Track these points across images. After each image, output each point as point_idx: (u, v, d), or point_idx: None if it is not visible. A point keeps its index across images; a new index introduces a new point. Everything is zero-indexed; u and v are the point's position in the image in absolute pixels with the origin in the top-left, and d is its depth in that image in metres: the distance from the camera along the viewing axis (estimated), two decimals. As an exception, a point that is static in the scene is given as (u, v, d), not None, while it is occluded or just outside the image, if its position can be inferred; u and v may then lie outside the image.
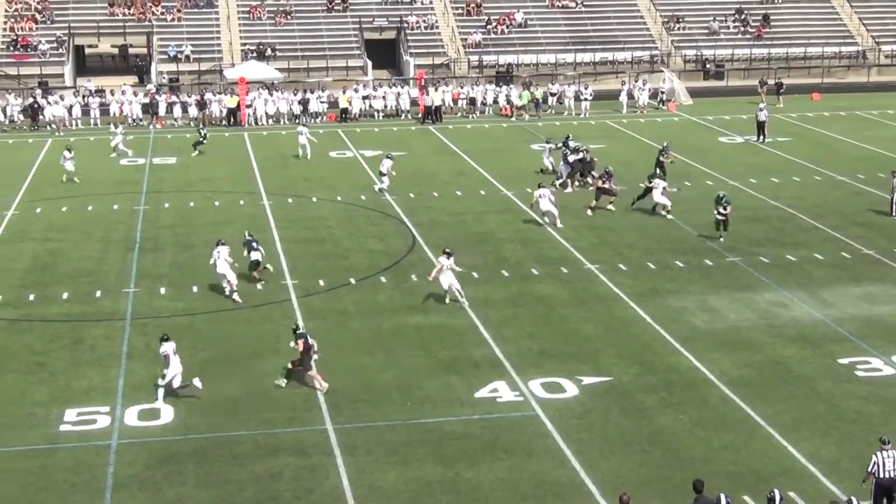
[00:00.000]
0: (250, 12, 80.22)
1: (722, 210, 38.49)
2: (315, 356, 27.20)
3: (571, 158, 47.09)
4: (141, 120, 64.81)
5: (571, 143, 48.43)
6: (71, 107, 64.88)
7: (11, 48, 75.73)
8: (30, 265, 36.86)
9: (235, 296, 33.03)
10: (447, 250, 32.70)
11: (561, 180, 46.90)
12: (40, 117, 63.07)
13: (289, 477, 22.43)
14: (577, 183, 46.95)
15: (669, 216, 41.57)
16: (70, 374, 27.66)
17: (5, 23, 77.67)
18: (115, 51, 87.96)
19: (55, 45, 76.08)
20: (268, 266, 34.85)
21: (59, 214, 43.58)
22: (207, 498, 21.71)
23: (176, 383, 26.14)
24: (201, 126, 60.45)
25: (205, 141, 55.63)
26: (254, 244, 34.61)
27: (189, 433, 24.44)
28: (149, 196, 46.69)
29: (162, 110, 64.76)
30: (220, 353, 29.05)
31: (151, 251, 38.17)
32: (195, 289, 34.05)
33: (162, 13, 79.57)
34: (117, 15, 79.45)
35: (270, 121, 65.39)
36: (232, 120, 64.14)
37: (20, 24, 77.40)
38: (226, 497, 21.74)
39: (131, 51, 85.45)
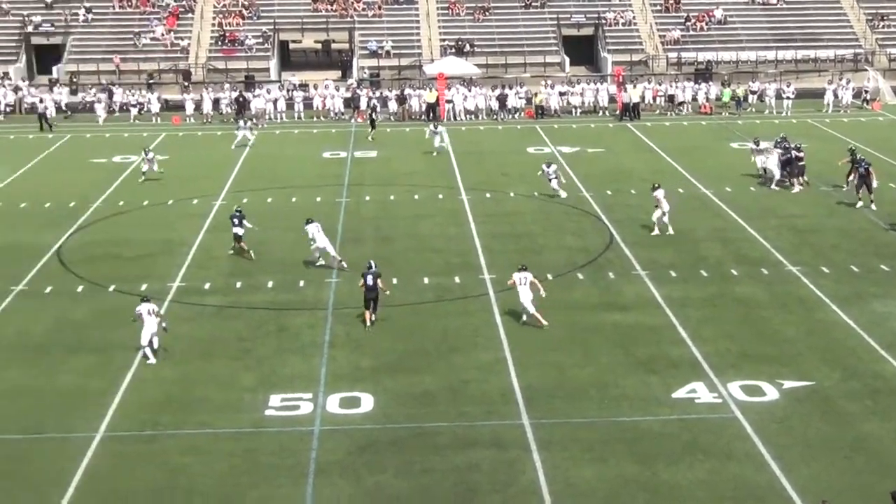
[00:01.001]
0: (449, 8, 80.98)
1: None
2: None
3: (784, 157, 46.02)
4: (343, 114, 66.11)
5: (785, 144, 47.41)
6: (276, 100, 66.62)
7: (220, 43, 78.11)
8: (237, 253, 37.97)
9: (344, 263, 35.48)
10: (523, 266, 31.88)
11: (776, 179, 45.90)
12: (246, 110, 64.87)
13: (486, 469, 22.65)
14: (800, 182, 45.83)
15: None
16: (275, 361, 28.46)
17: (214, 18, 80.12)
18: (319, 46, 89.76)
19: (261, 40, 78.15)
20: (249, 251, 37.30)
21: (264, 205, 44.79)
22: (406, 487, 22.09)
23: (144, 341, 28.29)
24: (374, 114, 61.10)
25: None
26: (235, 220, 37.31)
27: (388, 423, 24.88)
28: (350, 189, 47.63)
29: (363, 105, 65.87)
30: (418, 345, 29.48)
31: (352, 243, 38.89)
32: (395, 281, 34.57)
33: (363, 9, 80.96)
34: (320, 11, 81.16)
35: (469, 116, 65.92)
36: (431, 115, 64.86)
37: (228, 20, 79.74)
38: (425, 487, 22.08)
39: (334, 46, 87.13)
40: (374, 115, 61.44)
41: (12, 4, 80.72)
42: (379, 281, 30.95)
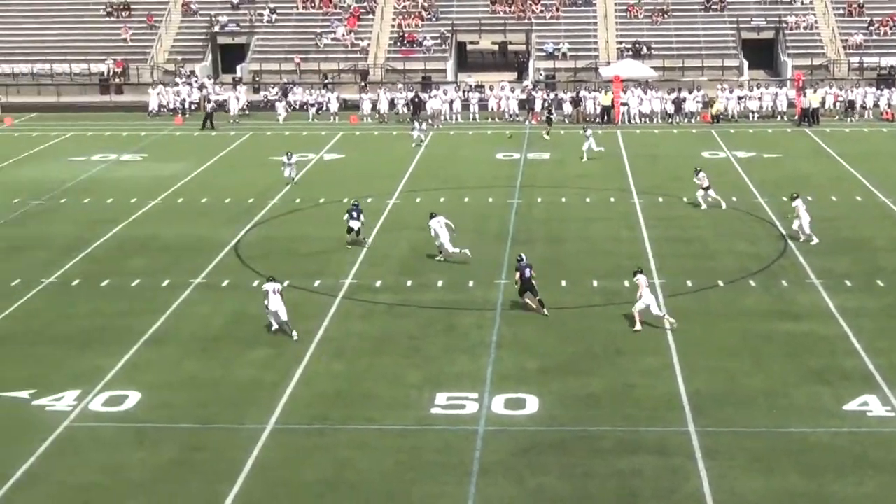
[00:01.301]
0: (627, 10, 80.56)
1: None
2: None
3: None
4: (517, 115, 66.34)
5: None
6: (451, 101, 67.19)
7: (398, 44, 79.10)
8: (407, 253, 38.50)
9: (467, 251, 36.72)
10: (639, 268, 31.91)
11: None
12: (421, 111, 65.56)
13: (649, 475, 22.54)
14: None
15: None
16: (442, 360, 28.76)
17: (394, 19, 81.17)
18: (495, 47, 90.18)
19: (439, 41, 78.88)
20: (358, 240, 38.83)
21: (436, 205, 45.13)
22: (568, 489, 22.09)
23: (284, 316, 30.12)
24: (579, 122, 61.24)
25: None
26: (353, 213, 38.70)
27: (553, 425, 24.93)
28: (522, 190, 47.79)
29: (538, 106, 65.96)
30: (586, 348, 29.47)
31: (523, 244, 39.00)
32: (563, 283, 34.62)
33: (541, 11, 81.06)
34: (498, 12, 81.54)
35: (644, 119, 65.49)
36: (606, 117, 64.64)
37: (407, 21, 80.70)
38: (586, 490, 22.06)
39: (510, 47, 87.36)
40: (550, 114, 61.63)
41: (200, 4, 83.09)
42: (532, 271, 31.89)
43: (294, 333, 30.13)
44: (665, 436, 24.29)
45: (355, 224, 38.88)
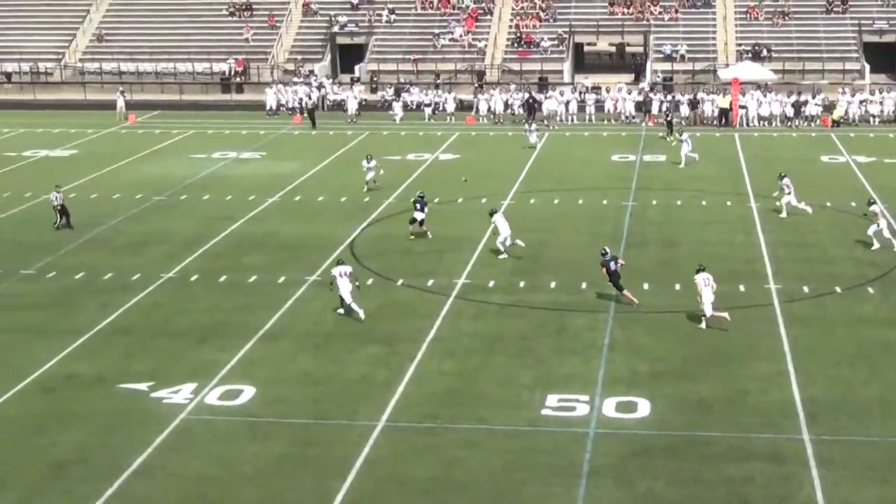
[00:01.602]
0: (748, 12, 79.64)
1: None
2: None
3: None
4: (633, 117, 66.02)
5: None
6: (567, 102, 67.06)
7: (516, 45, 79.15)
8: (521, 253, 38.46)
9: (519, 241, 37.55)
10: (701, 266, 31.51)
11: None
12: (536, 112, 65.54)
13: (761, 483, 22.30)
14: None
15: None
16: (553, 361, 28.75)
17: (511, 20, 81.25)
18: (613, 49, 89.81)
19: (556, 42, 78.75)
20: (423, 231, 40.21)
21: (550, 206, 45.25)
22: (679, 495, 21.96)
23: (348, 300, 31.66)
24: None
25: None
26: (417, 204, 40.22)
27: (664, 429, 24.78)
28: (637, 192, 47.55)
29: (655, 108, 65.55)
30: (699, 352, 29.23)
31: (636, 247, 38.83)
32: (678, 286, 34.39)
33: (660, 12, 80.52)
34: (616, 14, 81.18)
35: (762, 122, 64.68)
36: (723, 120, 63.99)
37: (525, 22, 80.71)
38: (697, 496, 21.89)
39: (628, 49, 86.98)
40: (669, 118, 61.29)
41: (321, 5, 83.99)
42: (616, 263, 32.70)
43: (361, 313, 31.55)
44: (778, 443, 24.01)
45: (419, 215, 40.12)
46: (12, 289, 35.50)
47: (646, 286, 34.51)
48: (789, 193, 42.83)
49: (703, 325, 30.72)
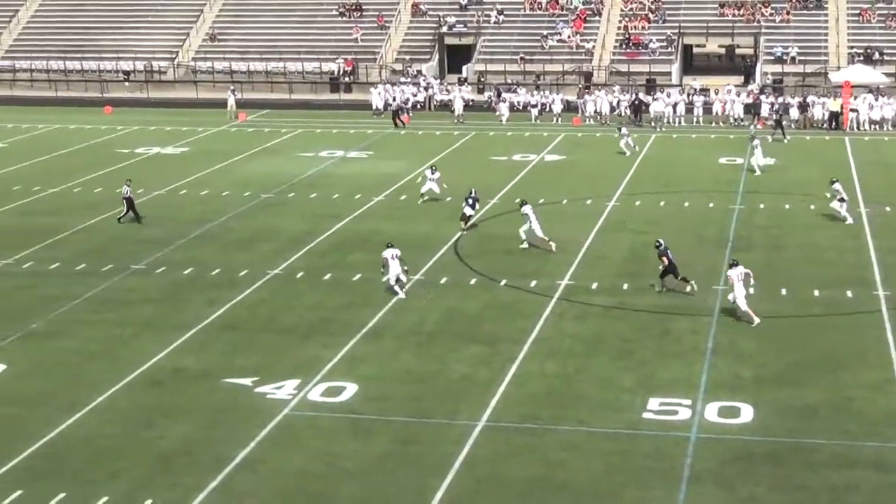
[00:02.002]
0: (860, 15, 78.36)
1: None
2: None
3: None
4: (742, 120, 65.34)
5: None
6: (675, 104, 66.55)
7: (624, 46, 78.76)
8: (626, 255, 38.36)
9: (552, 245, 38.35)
10: (733, 260, 31.62)
11: None
12: (643, 113, 65.17)
13: (866, 491, 21.96)
14: None
15: None
16: (656, 364, 28.59)
17: (620, 22, 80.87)
18: (722, 51, 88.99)
19: (665, 43, 78.25)
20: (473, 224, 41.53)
21: (656, 208, 44.97)
22: (781, 501, 21.70)
23: (392, 280, 33.60)
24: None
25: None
26: (469, 201, 41.32)
27: (766, 435, 24.52)
28: (745, 196, 47.04)
29: (764, 111, 64.79)
30: (804, 358, 28.87)
31: (743, 251, 38.39)
32: (784, 291, 33.99)
33: (770, 14, 79.57)
34: (727, 15, 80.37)
35: (874, 126, 63.60)
36: (833, 124, 63.05)
37: (633, 24, 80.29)
38: (799, 503, 21.67)
39: (738, 51, 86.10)
40: (780, 120, 60.54)
41: (430, 5, 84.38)
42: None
43: (403, 292, 33.65)
44: (884, 451, 23.63)
45: (469, 211, 41.36)
46: (123, 283, 36.22)
47: (751, 290, 34.11)
48: (840, 200, 42.10)
49: (754, 323, 30.98)
